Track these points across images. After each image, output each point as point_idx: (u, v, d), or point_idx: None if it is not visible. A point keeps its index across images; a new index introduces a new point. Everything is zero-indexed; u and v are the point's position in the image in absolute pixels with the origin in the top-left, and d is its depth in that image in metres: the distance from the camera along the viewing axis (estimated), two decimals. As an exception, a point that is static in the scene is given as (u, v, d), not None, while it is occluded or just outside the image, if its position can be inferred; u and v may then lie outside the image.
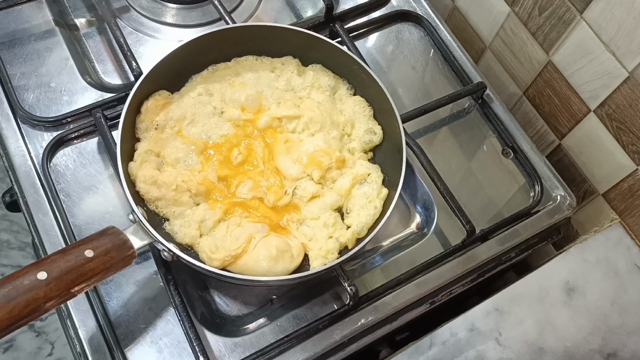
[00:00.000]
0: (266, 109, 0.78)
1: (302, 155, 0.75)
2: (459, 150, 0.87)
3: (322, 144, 0.76)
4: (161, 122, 0.75)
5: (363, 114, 0.79)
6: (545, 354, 0.74)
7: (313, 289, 0.74)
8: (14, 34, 0.86)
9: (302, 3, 0.97)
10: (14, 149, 0.78)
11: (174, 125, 0.75)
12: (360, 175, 0.75)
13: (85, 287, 0.42)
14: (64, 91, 0.83)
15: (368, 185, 0.74)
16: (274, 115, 0.77)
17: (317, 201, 0.74)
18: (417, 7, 0.96)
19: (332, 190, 0.75)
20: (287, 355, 0.70)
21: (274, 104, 0.78)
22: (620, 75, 0.76)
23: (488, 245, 0.80)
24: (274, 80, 0.80)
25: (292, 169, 0.75)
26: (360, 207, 0.73)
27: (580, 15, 0.78)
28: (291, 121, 0.78)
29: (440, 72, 0.93)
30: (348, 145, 0.78)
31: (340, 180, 0.75)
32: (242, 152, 0.75)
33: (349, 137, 0.79)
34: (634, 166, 0.80)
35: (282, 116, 0.77)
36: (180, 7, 0.93)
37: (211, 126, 0.76)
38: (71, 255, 0.47)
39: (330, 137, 0.77)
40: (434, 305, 0.77)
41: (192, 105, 0.76)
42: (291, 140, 0.77)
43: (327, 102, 0.79)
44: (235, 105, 0.78)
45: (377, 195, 0.74)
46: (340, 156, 0.75)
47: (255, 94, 0.78)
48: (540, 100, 0.92)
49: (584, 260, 0.81)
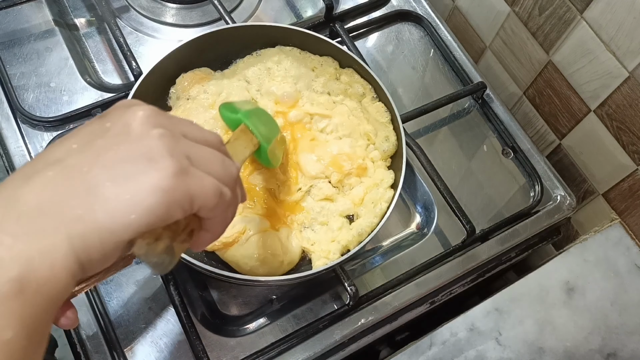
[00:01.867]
0: (300, 105, 0.78)
1: (325, 156, 0.74)
2: (459, 150, 0.87)
3: (347, 148, 0.75)
4: (194, 94, 0.75)
5: (382, 122, 0.78)
6: (545, 354, 0.74)
7: (313, 289, 0.74)
8: (14, 33, 0.86)
9: (302, 3, 0.97)
10: (14, 149, 0.78)
11: (208, 98, 0.75)
12: (374, 183, 0.74)
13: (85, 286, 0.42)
14: (64, 91, 0.83)
15: (377, 190, 0.74)
16: (306, 111, 0.77)
17: (329, 205, 0.72)
18: (417, 7, 0.96)
19: (347, 197, 0.74)
20: (287, 355, 0.70)
21: (307, 103, 0.78)
22: (621, 75, 0.76)
23: (488, 245, 0.80)
24: (313, 80, 0.79)
25: (313, 166, 0.74)
26: (367, 211, 0.72)
27: (581, 15, 0.78)
28: (322, 120, 0.77)
29: (440, 72, 0.93)
30: (371, 154, 0.76)
31: (357, 188, 0.74)
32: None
33: (373, 146, 0.77)
34: (634, 166, 0.80)
35: (314, 113, 0.77)
36: (180, 7, 0.93)
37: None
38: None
39: (357, 145, 0.76)
40: (434, 305, 0.77)
41: (229, 85, 0.76)
42: (318, 139, 0.76)
43: (357, 110, 0.78)
44: (270, 97, 0.77)
45: (382, 197, 0.73)
46: (363, 164, 0.74)
47: (294, 92, 0.78)
48: (540, 100, 0.92)
49: (584, 260, 0.81)
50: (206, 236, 0.45)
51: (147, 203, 0.37)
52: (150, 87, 0.75)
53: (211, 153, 0.42)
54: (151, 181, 0.37)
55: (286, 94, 0.77)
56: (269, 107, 0.76)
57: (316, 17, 0.93)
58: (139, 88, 0.72)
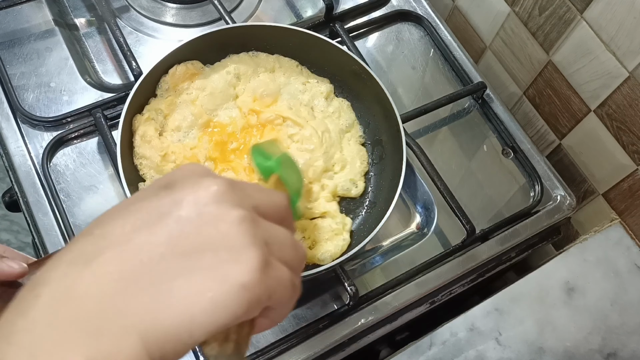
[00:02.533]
0: (277, 104, 0.78)
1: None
2: (459, 150, 0.87)
3: (301, 162, 0.73)
4: (182, 89, 0.76)
5: (357, 165, 0.76)
6: (545, 354, 0.74)
7: (313, 289, 0.74)
8: (14, 33, 0.86)
9: (302, 3, 0.97)
10: (14, 149, 0.78)
11: (192, 92, 0.76)
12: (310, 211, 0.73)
13: None
14: (64, 91, 0.83)
15: (332, 221, 0.72)
16: (279, 113, 0.77)
17: None
18: (417, 7, 0.96)
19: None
20: (287, 355, 0.70)
21: (285, 105, 0.77)
22: (621, 75, 0.76)
23: (488, 245, 0.80)
24: (300, 92, 0.79)
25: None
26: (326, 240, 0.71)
27: (581, 15, 0.78)
28: (293, 126, 0.76)
29: (440, 72, 0.93)
30: (324, 181, 0.74)
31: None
32: (239, 140, 0.75)
33: (333, 174, 0.75)
34: (634, 166, 0.80)
35: (287, 117, 0.76)
36: (180, 6, 0.93)
37: (224, 106, 0.76)
38: None
39: (314, 164, 0.74)
40: (434, 305, 0.78)
41: (216, 80, 0.77)
42: (280, 142, 0.75)
43: (334, 134, 0.77)
44: (249, 93, 0.77)
45: (342, 227, 0.72)
46: (308, 186, 0.73)
47: (274, 92, 0.78)
48: (540, 100, 0.92)
49: (584, 260, 0.81)
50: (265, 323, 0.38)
51: (229, 302, 0.31)
52: (151, 88, 0.75)
53: (285, 235, 0.37)
54: (235, 277, 0.32)
55: (266, 92, 0.77)
56: (246, 104, 0.76)
57: (316, 17, 0.93)
58: (139, 88, 0.72)
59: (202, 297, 0.31)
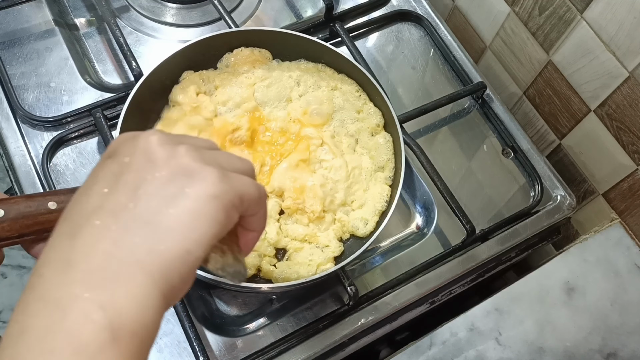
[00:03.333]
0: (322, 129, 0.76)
1: (299, 180, 0.72)
2: (459, 150, 0.87)
3: (320, 191, 0.72)
4: (242, 70, 0.77)
5: (374, 205, 0.74)
6: (545, 354, 0.74)
7: (313, 289, 0.74)
8: (14, 33, 0.86)
9: (302, 3, 0.97)
10: (14, 149, 0.78)
11: (250, 77, 0.77)
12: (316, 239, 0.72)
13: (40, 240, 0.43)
14: (64, 91, 0.83)
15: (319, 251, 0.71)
16: (321, 137, 0.75)
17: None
18: (417, 7, 0.96)
19: (284, 226, 0.72)
20: (287, 355, 0.70)
21: (329, 132, 0.76)
22: (621, 75, 0.76)
23: (488, 245, 0.80)
24: (350, 121, 0.77)
25: (280, 178, 0.72)
26: (299, 264, 0.70)
27: (581, 15, 0.78)
28: (327, 153, 0.75)
29: (440, 72, 0.93)
30: (340, 215, 0.73)
31: (300, 228, 0.71)
32: (273, 138, 0.75)
33: (350, 210, 0.74)
34: (634, 166, 0.80)
35: (326, 143, 0.75)
36: (180, 6, 0.93)
37: (276, 103, 0.77)
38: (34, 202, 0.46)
39: (334, 195, 0.73)
40: (434, 305, 0.78)
41: (277, 76, 0.78)
42: (308, 165, 0.74)
43: (365, 172, 0.75)
44: (303, 104, 0.77)
45: (318, 265, 0.70)
46: (321, 214, 0.71)
47: (325, 115, 0.76)
48: (540, 100, 0.92)
49: (584, 260, 0.81)
50: (252, 235, 0.45)
51: (208, 213, 0.36)
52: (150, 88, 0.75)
53: (228, 155, 0.42)
54: (202, 192, 0.37)
55: (318, 111, 0.76)
56: (296, 112, 0.76)
57: (316, 17, 0.93)
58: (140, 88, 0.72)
59: (185, 218, 0.36)
